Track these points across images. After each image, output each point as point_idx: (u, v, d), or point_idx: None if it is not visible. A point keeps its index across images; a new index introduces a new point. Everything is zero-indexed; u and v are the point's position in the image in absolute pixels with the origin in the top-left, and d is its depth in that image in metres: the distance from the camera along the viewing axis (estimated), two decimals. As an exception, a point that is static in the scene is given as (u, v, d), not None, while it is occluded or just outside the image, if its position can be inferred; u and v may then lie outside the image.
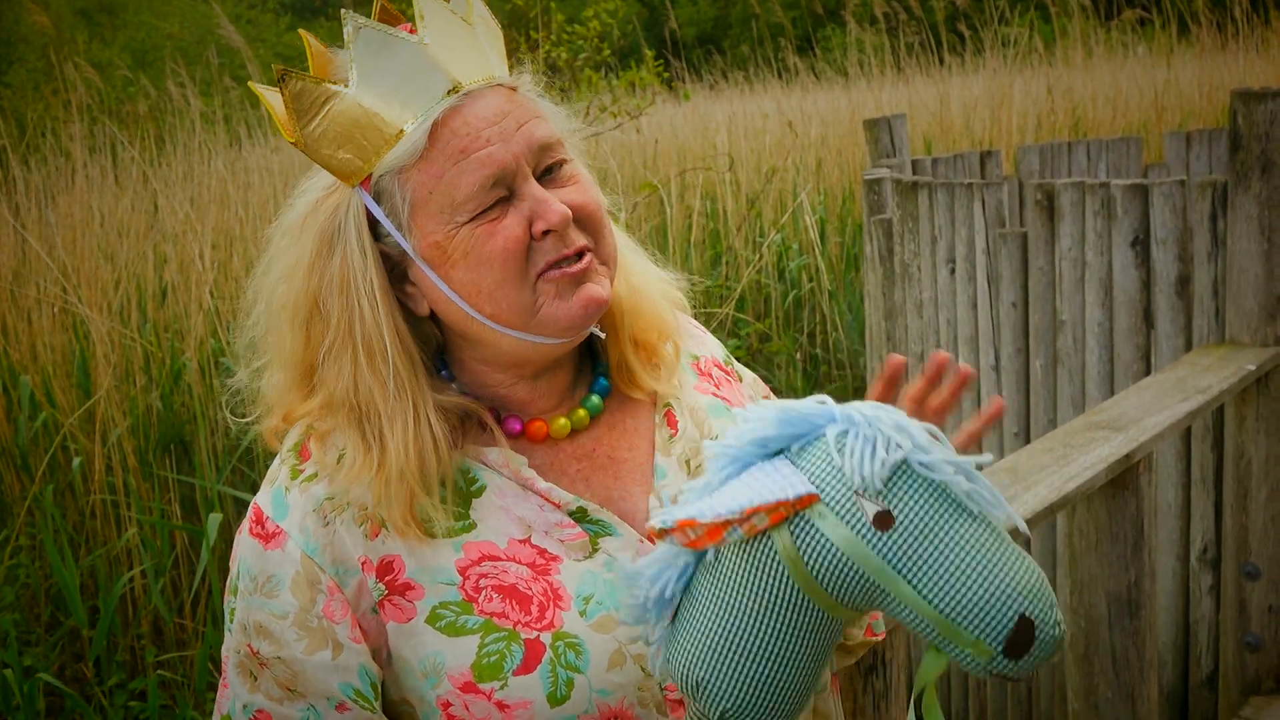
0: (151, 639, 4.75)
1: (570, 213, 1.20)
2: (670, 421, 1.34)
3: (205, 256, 6.20)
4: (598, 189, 1.29)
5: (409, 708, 1.23)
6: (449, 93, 1.19)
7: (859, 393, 6.87)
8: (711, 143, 9.59)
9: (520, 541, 1.22)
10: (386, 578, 1.20)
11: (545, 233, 1.19)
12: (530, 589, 1.20)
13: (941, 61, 11.03)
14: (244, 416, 1.32)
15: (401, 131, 1.18)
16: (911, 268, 4.67)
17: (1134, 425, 2.87)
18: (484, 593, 1.19)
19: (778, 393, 6.12)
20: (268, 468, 1.30)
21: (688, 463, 1.31)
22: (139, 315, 6.27)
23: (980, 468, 1.04)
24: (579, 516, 1.25)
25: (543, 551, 1.22)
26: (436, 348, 1.30)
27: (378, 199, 1.21)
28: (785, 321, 7.36)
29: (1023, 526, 1.03)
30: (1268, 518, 3.63)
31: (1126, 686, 2.84)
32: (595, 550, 1.24)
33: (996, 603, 0.96)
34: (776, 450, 1.05)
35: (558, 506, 1.25)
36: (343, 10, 1.21)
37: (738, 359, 1.55)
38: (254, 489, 5.25)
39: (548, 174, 1.23)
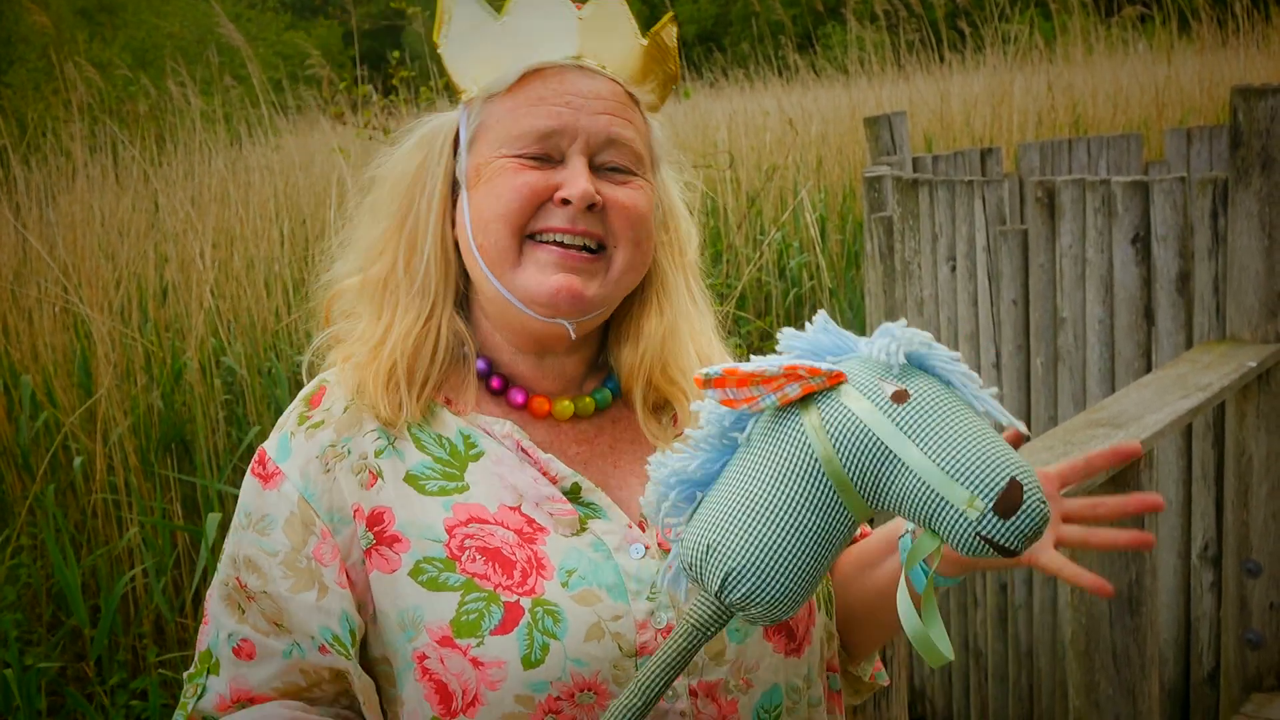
0: (153, 638, 4.75)
1: (595, 197, 1.24)
2: (674, 422, 1.36)
3: (206, 256, 6.20)
4: (662, 220, 1.35)
5: (386, 666, 1.25)
6: (568, 58, 1.29)
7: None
8: (712, 140, 9.59)
9: (510, 508, 1.25)
10: (376, 528, 1.23)
11: (564, 202, 1.24)
12: (514, 555, 1.22)
13: (942, 59, 11.03)
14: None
15: (511, 67, 1.28)
16: (912, 265, 4.67)
17: (1134, 422, 2.87)
18: (467, 553, 1.22)
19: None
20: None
21: None
22: (140, 315, 6.27)
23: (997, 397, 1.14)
24: (572, 494, 1.27)
25: (531, 521, 1.24)
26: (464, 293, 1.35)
27: (468, 120, 1.31)
28: (786, 319, 7.36)
29: (1022, 428, 1.15)
30: (1269, 514, 3.63)
31: (1128, 683, 2.84)
32: (583, 530, 1.25)
33: (991, 464, 1.05)
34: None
35: (553, 481, 1.27)
36: None
37: (738, 358, 1.56)
38: (255, 488, 5.24)
39: (610, 171, 1.28)
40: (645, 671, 1.11)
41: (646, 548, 1.25)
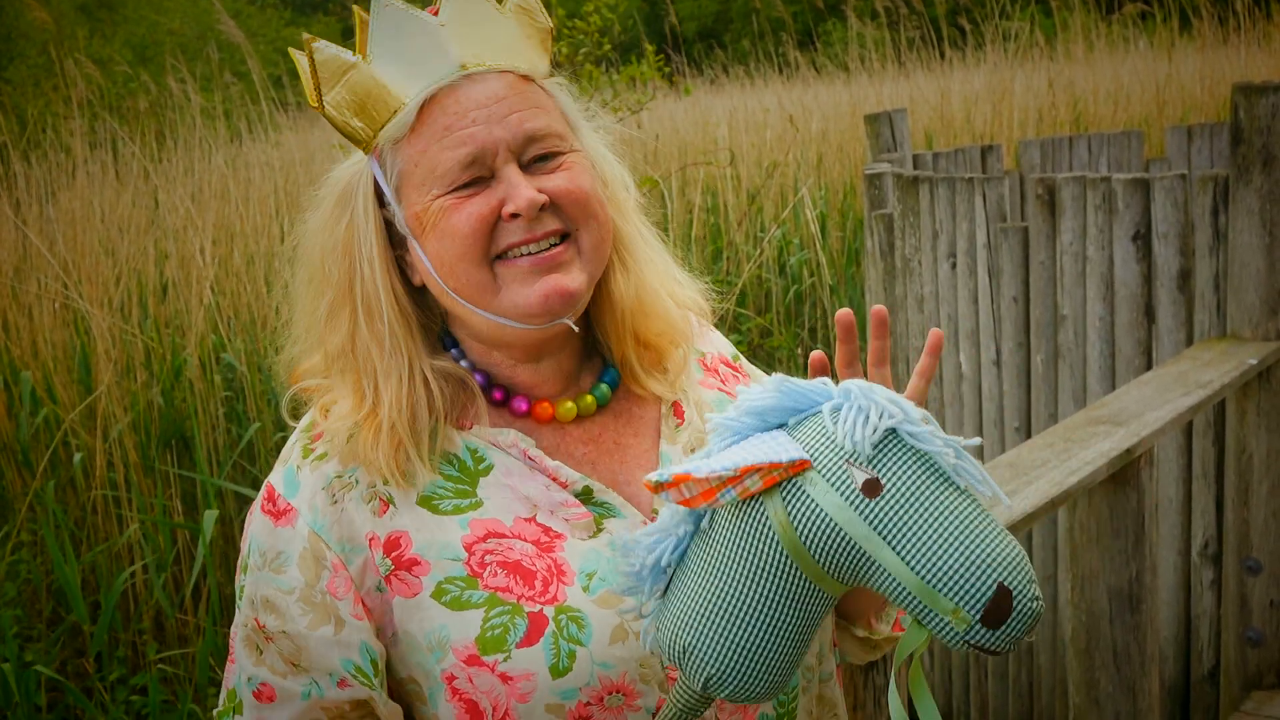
0: (153, 634, 4.75)
1: (542, 199, 1.22)
2: (677, 412, 1.36)
3: (206, 252, 6.20)
4: (600, 179, 1.31)
5: (415, 685, 1.25)
6: (451, 74, 1.24)
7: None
8: (712, 138, 9.58)
9: (526, 520, 1.25)
10: (394, 553, 1.23)
11: (514, 216, 1.22)
12: (534, 565, 1.22)
13: (942, 56, 11.02)
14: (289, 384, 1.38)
15: (402, 105, 1.24)
16: (912, 262, 4.67)
17: (1135, 420, 2.87)
18: (489, 568, 1.22)
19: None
20: (269, 461, 1.32)
21: (693, 451, 1.33)
22: (140, 311, 6.27)
23: (972, 451, 1.05)
24: (584, 497, 1.27)
25: (547, 529, 1.24)
26: (442, 325, 1.34)
27: (383, 169, 1.27)
28: (786, 316, 7.36)
29: (1005, 499, 1.06)
30: (1269, 513, 3.63)
31: (1128, 680, 2.84)
32: (599, 530, 1.25)
33: (977, 571, 0.98)
34: (776, 424, 1.08)
35: (564, 486, 1.27)
36: None
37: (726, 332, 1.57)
38: (255, 485, 5.25)
39: (539, 162, 1.25)
40: None
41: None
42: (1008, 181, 4.37)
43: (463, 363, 1.31)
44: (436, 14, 1.25)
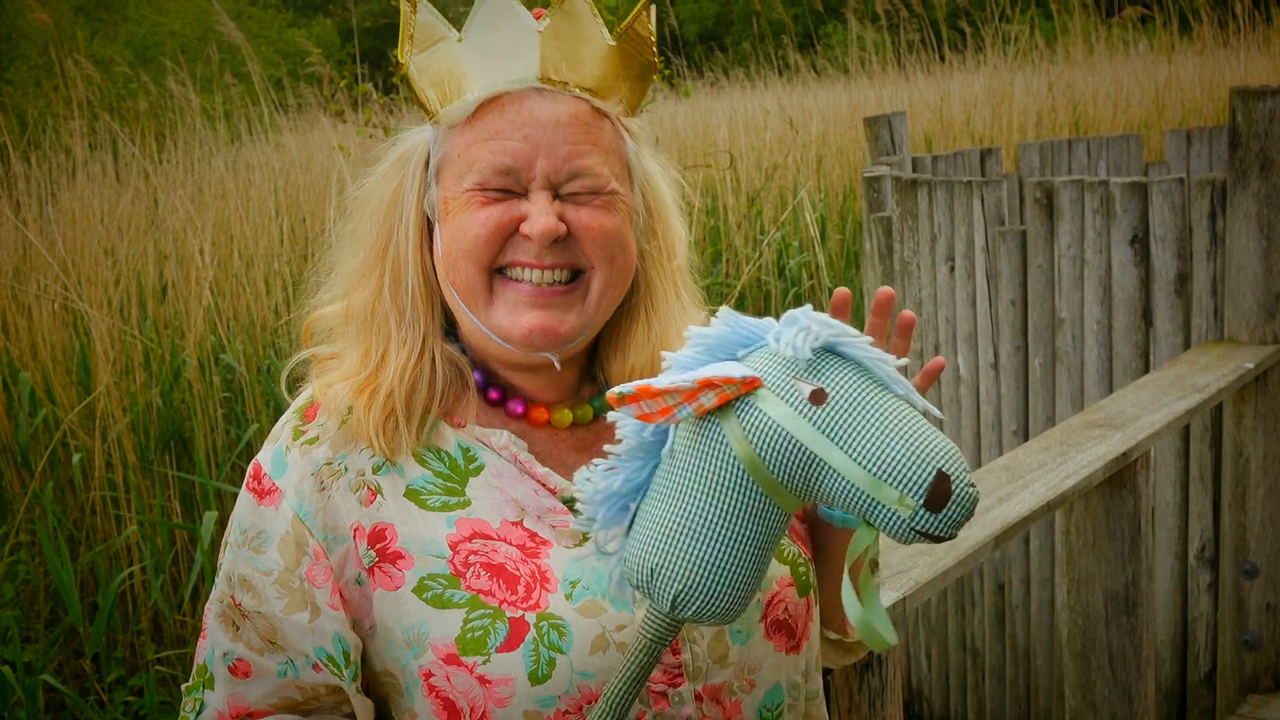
0: (150, 636, 4.76)
1: (560, 230, 1.21)
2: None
3: (205, 253, 6.20)
4: (650, 229, 1.31)
5: (392, 679, 1.24)
6: (526, 80, 1.24)
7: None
8: (712, 140, 9.59)
9: (513, 523, 1.24)
10: (378, 545, 1.22)
11: (528, 237, 1.22)
12: (518, 570, 1.22)
13: (942, 59, 11.03)
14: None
15: (470, 92, 1.24)
16: (911, 265, 4.67)
17: (1131, 423, 2.88)
18: (472, 569, 1.21)
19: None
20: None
21: None
22: (139, 312, 6.27)
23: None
24: (572, 505, 1.25)
25: (533, 535, 1.24)
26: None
27: (435, 147, 1.28)
28: (785, 319, 7.36)
29: (936, 412, 1.14)
30: (1265, 516, 3.63)
31: (1124, 684, 2.85)
32: (586, 539, 1.24)
33: (917, 460, 1.06)
34: (725, 358, 1.14)
35: (553, 493, 1.26)
36: None
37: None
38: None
39: (577, 195, 1.24)
40: (611, 688, 1.13)
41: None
42: (1006, 185, 4.38)
43: (465, 357, 1.31)
44: (540, 16, 1.25)
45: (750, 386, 1.08)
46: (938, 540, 1.07)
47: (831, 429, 1.07)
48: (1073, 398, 4.01)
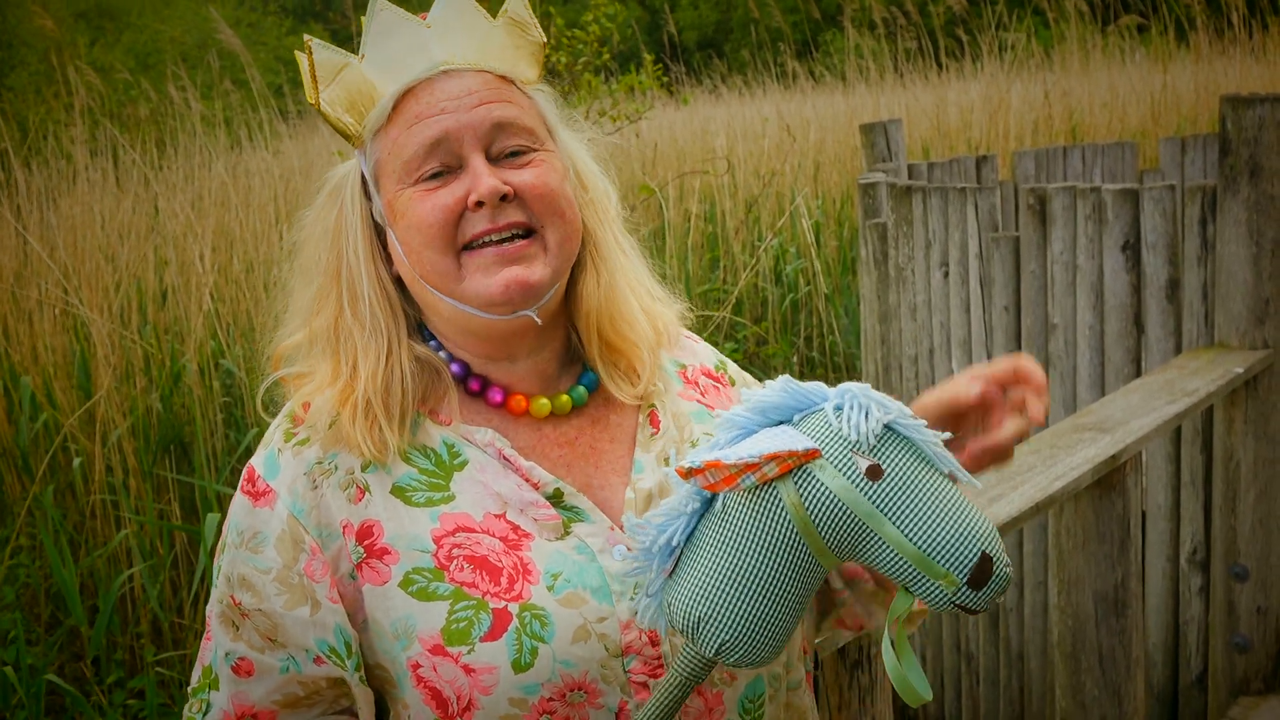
0: (150, 638, 4.78)
1: (505, 189, 1.26)
2: (653, 420, 1.39)
3: (205, 259, 6.24)
4: (580, 183, 1.37)
5: (384, 672, 1.28)
6: (430, 70, 1.30)
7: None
8: (711, 147, 9.63)
9: (495, 516, 1.28)
10: (366, 541, 1.26)
11: (479, 205, 1.26)
12: (501, 562, 1.25)
13: (940, 67, 11.07)
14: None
15: (383, 98, 1.31)
16: (906, 271, 4.71)
17: (1120, 427, 2.91)
18: (455, 562, 1.25)
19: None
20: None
21: (666, 459, 1.37)
22: (139, 317, 6.31)
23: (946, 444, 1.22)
24: (555, 499, 1.30)
25: (516, 528, 1.27)
26: (419, 319, 1.39)
27: (366, 160, 1.34)
28: (782, 325, 7.40)
29: (977, 484, 1.20)
30: (1256, 520, 3.66)
31: (1113, 684, 2.88)
32: (567, 533, 1.28)
33: (964, 542, 1.14)
34: (778, 421, 1.20)
35: (535, 486, 1.30)
36: None
37: (733, 363, 1.60)
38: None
39: (510, 157, 1.30)
40: (641, 717, 1.19)
41: (629, 549, 1.28)
42: (1000, 191, 4.41)
43: (441, 353, 1.35)
44: (425, 17, 1.32)
45: (810, 457, 1.14)
46: (972, 613, 1.15)
47: (886, 505, 1.14)
48: (1065, 403, 4.04)
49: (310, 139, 9.58)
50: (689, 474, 1.15)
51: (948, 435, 1.19)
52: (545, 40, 1.38)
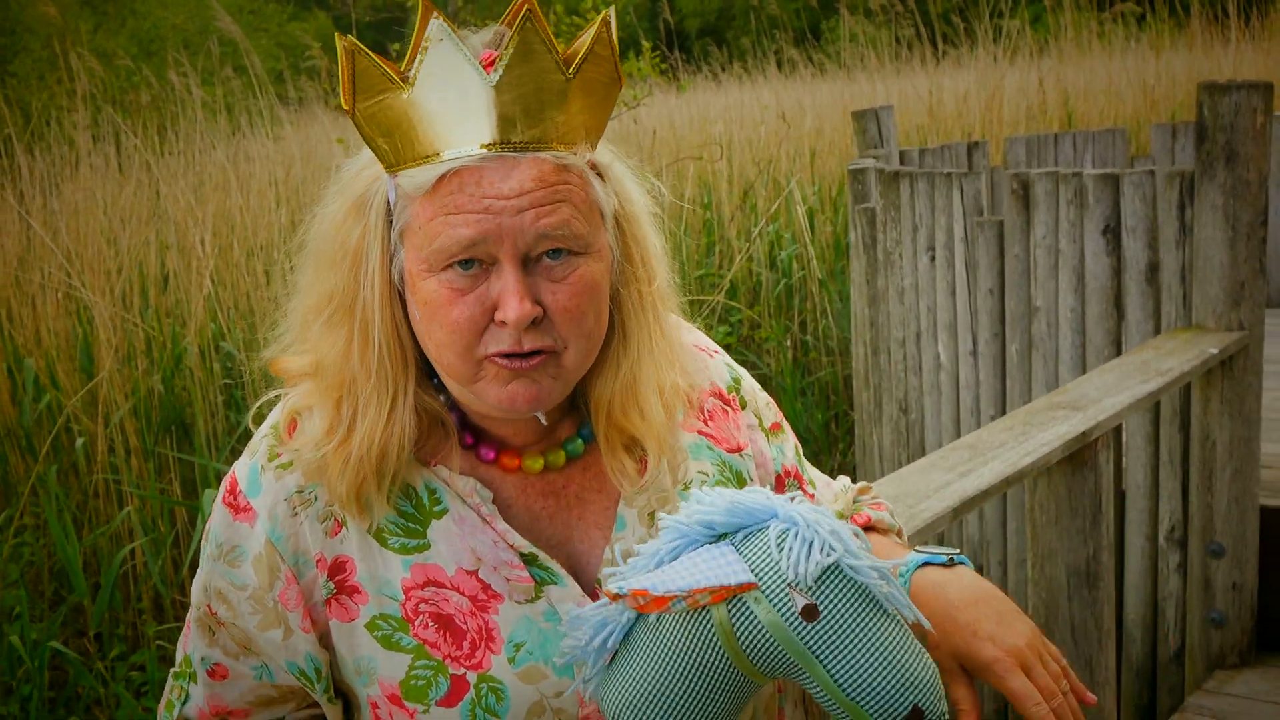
0: (151, 613, 4.87)
1: (535, 313, 1.17)
2: (642, 467, 1.33)
3: (206, 243, 6.31)
4: (632, 259, 1.28)
5: (351, 695, 1.31)
6: (484, 145, 1.17)
7: (848, 381, 7.00)
8: (708, 133, 9.69)
9: (468, 573, 1.25)
10: (337, 577, 1.25)
11: (503, 323, 1.18)
12: (466, 624, 1.24)
13: (937, 53, 11.12)
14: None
15: (426, 157, 1.18)
16: (894, 255, 4.78)
17: (1093, 405, 2.98)
18: (421, 617, 1.24)
19: (768, 381, 6.13)
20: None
21: (650, 515, 1.33)
22: (141, 301, 6.39)
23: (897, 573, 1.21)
24: (529, 560, 1.27)
25: (486, 587, 1.25)
26: None
27: (396, 199, 1.23)
28: (776, 309, 7.47)
29: (926, 624, 1.18)
30: (1232, 498, 3.74)
31: (1085, 655, 2.96)
32: (538, 596, 1.26)
33: (896, 694, 1.12)
34: (721, 535, 1.18)
35: (511, 547, 1.27)
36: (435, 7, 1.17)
37: (728, 346, 1.58)
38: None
39: (551, 255, 1.19)
40: None
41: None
42: (984, 177, 4.49)
43: (442, 397, 1.29)
44: (491, 66, 1.16)
45: (744, 590, 1.12)
46: None
47: (818, 647, 1.11)
48: (1048, 383, 4.12)
49: (310, 126, 9.65)
50: (616, 598, 1.13)
51: (899, 563, 1.17)
52: (622, 79, 1.24)
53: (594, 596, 1.28)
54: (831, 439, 6.92)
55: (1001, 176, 4.40)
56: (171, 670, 1.37)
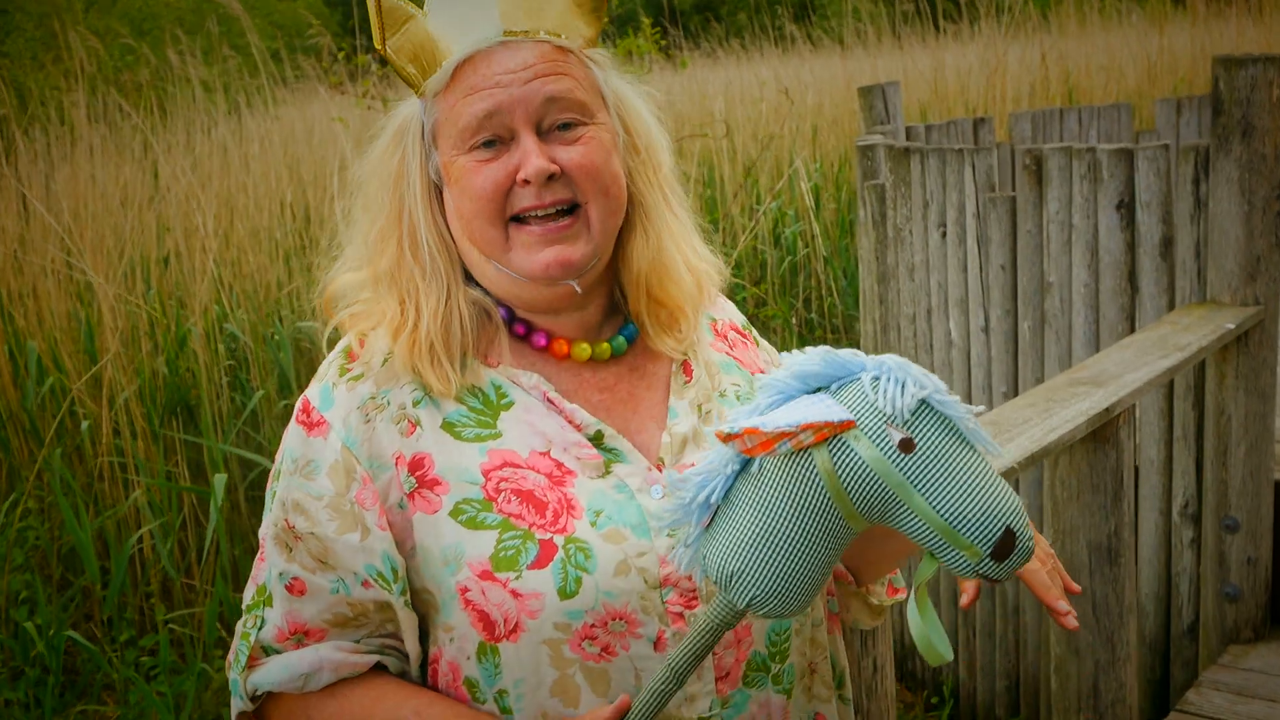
0: (160, 598, 4.86)
1: (552, 169, 1.32)
2: (686, 370, 1.46)
3: (208, 224, 6.28)
4: (633, 147, 1.42)
5: (430, 596, 1.36)
6: (491, 38, 1.35)
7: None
8: (709, 110, 9.64)
9: (540, 454, 1.35)
10: (418, 472, 1.34)
11: (526, 182, 1.32)
12: (546, 496, 1.33)
13: (937, 29, 11.07)
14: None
15: (445, 60, 1.35)
16: (904, 231, 4.76)
17: (1114, 381, 2.97)
18: (503, 494, 1.32)
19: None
20: (273, 428, 1.43)
21: (699, 407, 1.43)
22: (144, 283, 6.36)
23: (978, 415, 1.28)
24: (596, 440, 1.37)
25: (560, 465, 1.35)
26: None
27: (426, 115, 1.39)
28: (781, 287, 7.45)
29: (1006, 460, 1.24)
30: (1246, 473, 3.73)
31: (1106, 631, 2.95)
32: (608, 473, 1.36)
33: (990, 517, 1.19)
34: (817, 387, 1.25)
35: (578, 428, 1.37)
36: None
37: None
38: (259, 451, 5.35)
39: (560, 129, 1.35)
40: (674, 656, 1.25)
41: (665, 488, 1.35)
42: (996, 152, 4.46)
43: (489, 298, 1.41)
44: None
45: (845, 428, 1.19)
46: (994, 582, 1.21)
47: (916, 477, 1.18)
48: (1061, 360, 4.10)
49: (309, 104, 9.60)
50: (728, 438, 1.20)
51: (980, 409, 1.25)
52: None
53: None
54: (837, 416, 6.89)
55: (1014, 152, 4.38)
56: (245, 604, 1.42)
